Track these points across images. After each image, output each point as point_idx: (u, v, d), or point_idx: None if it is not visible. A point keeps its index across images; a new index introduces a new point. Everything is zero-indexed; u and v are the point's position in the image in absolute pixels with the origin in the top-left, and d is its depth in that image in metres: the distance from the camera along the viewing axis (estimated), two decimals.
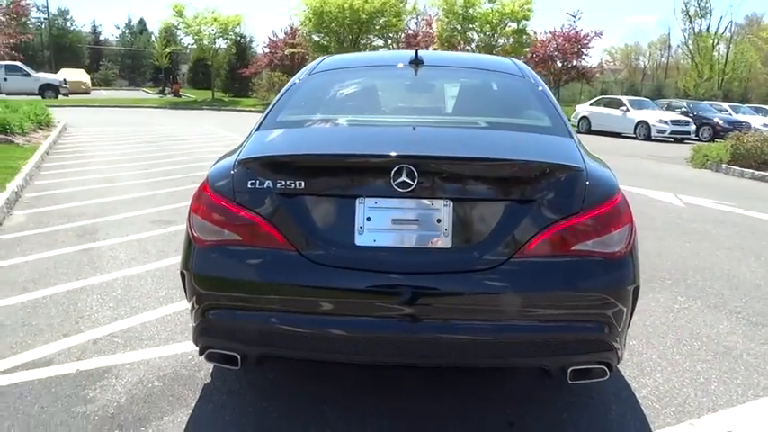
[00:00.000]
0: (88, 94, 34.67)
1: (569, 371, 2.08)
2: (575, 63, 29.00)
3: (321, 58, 3.35)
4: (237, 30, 35.10)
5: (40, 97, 27.56)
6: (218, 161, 2.45)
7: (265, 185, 2.09)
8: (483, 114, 2.80)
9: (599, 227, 2.06)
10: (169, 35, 40.64)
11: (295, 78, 3.07)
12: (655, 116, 20.08)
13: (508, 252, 2.01)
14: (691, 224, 6.39)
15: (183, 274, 2.25)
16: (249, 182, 2.11)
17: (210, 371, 2.79)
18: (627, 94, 30.73)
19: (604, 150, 15.04)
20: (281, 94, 2.89)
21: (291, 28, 32.27)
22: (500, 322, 2.03)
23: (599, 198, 2.09)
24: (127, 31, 57.13)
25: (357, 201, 2.05)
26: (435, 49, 23.93)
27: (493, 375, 2.76)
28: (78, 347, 3.03)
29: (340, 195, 2.09)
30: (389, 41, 28.85)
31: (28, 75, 29.67)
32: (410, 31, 30.31)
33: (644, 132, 19.78)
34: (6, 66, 28.46)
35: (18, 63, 29.81)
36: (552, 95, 2.88)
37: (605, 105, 21.84)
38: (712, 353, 3.13)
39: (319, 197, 2.10)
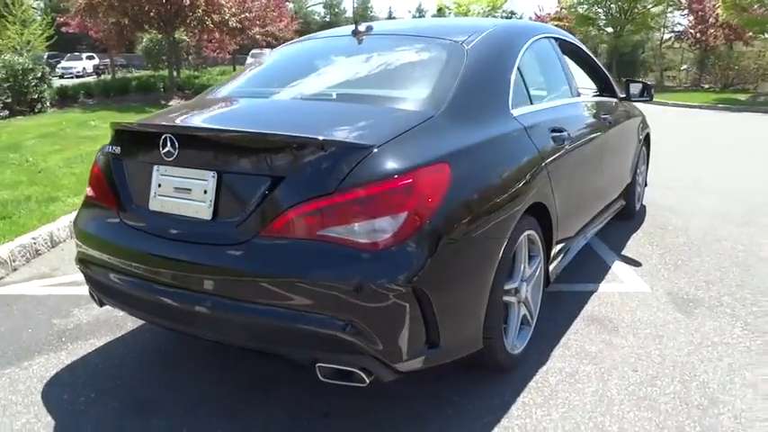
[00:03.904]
0: None
1: (316, 367, 1.95)
2: None
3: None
4: (506, 6, 35.04)
5: None
6: None
7: (109, 150, 2.43)
8: (355, 86, 2.68)
9: (358, 211, 1.85)
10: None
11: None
12: None
13: (254, 229, 1.96)
14: None
15: None
16: (108, 146, 2.47)
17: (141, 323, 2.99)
18: None
19: None
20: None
21: (558, 1, 30.79)
22: (240, 301, 1.98)
23: (366, 179, 1.86)
24: (417, 15, 62.06)
25: (154, 167, 2.24)
26: (718, 12, 20.04)
27: None
28: None
29: (144, 161, 2.30)
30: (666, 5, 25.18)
31: None
32: None
33: None
34: None
35: None
36: (493, 69, 2.63)
37: None
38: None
39: (132, 162, 2.36)
